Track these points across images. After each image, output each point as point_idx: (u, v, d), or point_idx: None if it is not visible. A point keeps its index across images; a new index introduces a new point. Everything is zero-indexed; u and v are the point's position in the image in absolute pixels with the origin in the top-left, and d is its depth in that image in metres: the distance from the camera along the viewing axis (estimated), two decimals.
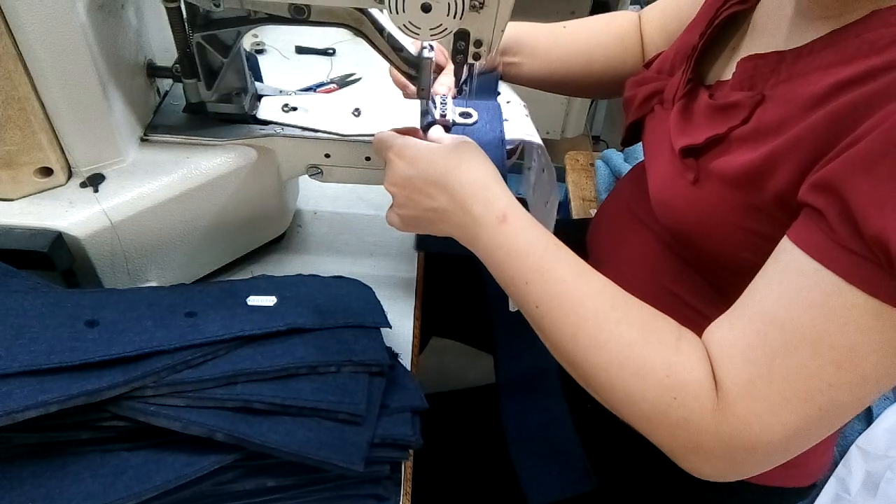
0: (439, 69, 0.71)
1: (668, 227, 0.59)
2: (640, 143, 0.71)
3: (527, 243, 0.52)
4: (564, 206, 1.40)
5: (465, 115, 0.66)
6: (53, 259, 0.52)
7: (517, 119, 0.68)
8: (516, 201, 0.54)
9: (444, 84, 0.68)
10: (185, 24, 0.57)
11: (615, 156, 1.40)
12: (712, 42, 0.61)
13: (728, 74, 0.57)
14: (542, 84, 0.81)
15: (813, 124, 0.45)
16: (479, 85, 0.72)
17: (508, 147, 0.65)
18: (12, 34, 0.48)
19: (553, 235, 0.53)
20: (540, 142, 0.66)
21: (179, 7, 0.56)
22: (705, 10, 0.65)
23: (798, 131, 0.46)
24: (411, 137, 0.58)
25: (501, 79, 0.75)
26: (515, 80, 0.79)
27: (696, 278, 0.61)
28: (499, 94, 0.72)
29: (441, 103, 0.66)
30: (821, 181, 0.42)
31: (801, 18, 0.52)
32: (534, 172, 0.70)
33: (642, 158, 0.69)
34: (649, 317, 0.49)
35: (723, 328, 0.47)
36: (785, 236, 0.45)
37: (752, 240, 0.51)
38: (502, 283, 0.54)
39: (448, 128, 0.65)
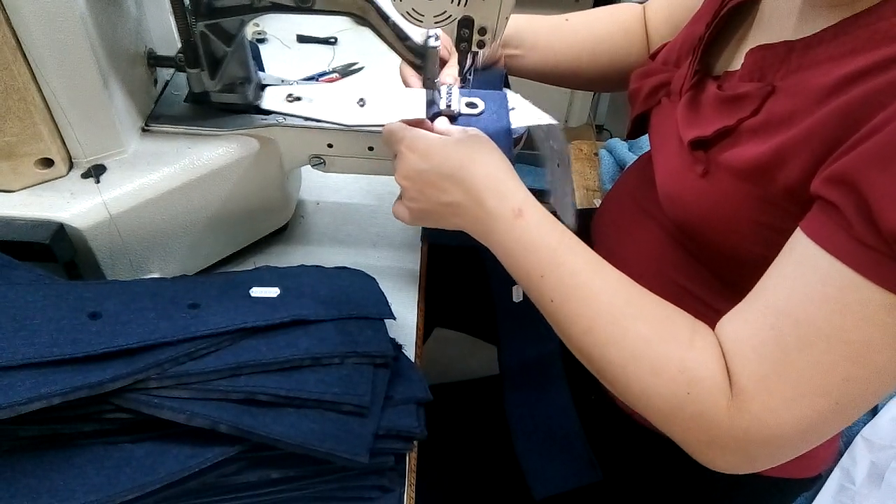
0: (442, 62, 0.70)
1: (675, 219, 0.59)
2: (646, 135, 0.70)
3: (542, 237, 0.52)
4: None
5: (470, 105, 0.65)
6: (55, 251, 0.52)
7: (521, 105, 0.68)
8: (531, 195, 0.54)
9: (451, 74, 0.67)
10: (188, 13, 0.56)
11: (619, 145, 1.40)
12: (719, 32, 0.61)
13: (736, 65, 0.56)
14: (546, 77, 0.80)
15: (825, 116, 0.44)
16: (485, 78, 0.71)
17: (514, 136, 0.64)
18: (11, 24, 0.48)
19: (568, 230, 0.53)
20: (552, 121, 0.65)
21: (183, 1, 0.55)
22: (711, 1, 0.64)
23: (810, 124, 0.45)
24: (422, 130, 0.58)
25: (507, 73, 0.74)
26: (518, 74, 0.78)
27: (701, 269, 0.60)
28: (506, 88, 0.72)
29: (447, 93, 0.65)
30: (836, 175, 0.42)
31: (809, 7, 0.52)
32: (549, 161, 0.69)
33: (647, 148, 0.69)
34: (664, 313, 0.49)
35: (735, 322, 0.47)
36: (798, 229, 0.45)
37: (761, 232, 0.50)
38: (517, 277, 0.54)
39: (453, 118, 0.64)
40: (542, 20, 0.78)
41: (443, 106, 0.64)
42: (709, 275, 0.60)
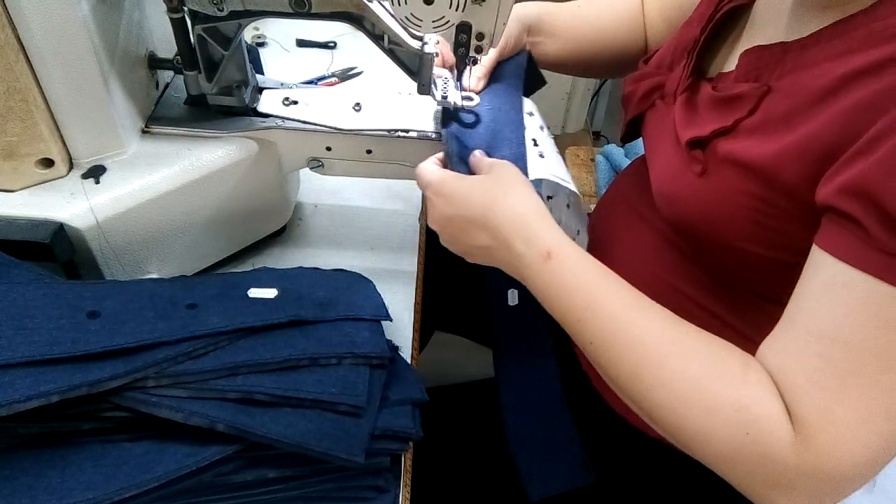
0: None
1: (672, 220, 0.59)
2: (640, 139, 0.71)
3: (574, 281, 0.50)
4: None
5: (467, 98, 0.66)
6: (55, 250, 0.52)
7: (550, 155, 0.67)
8: (562, 234, 0.52)
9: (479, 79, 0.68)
10: (186, 17, 0.57)
11: (616, 151, 1.41)
12: (713, 36, 0.61)
13: (729, 67, 0.57)
14: (559, 65, 0.79)
15: (826, 120, 0.45)
16: (506, 68, 0.71)
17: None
18: (14, 25, 0.48)
19: (604, 268, 0.51)
20: (573, 188, 0.64)
21: (184, 17, 0.56)
22: (704, 5, 0.65)
23: (810, 127, 0.46)
24: (448, 173, 0.57)
25: (529, 61, 0.74)
26: (537, 61, 0.78)
27: (695, 270, 0.61)
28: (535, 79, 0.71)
29: (443, 85, 0.65)
30: (852, 187, 0.41)
31: (802, 9, 0.52)
32: (555, 206, 0.69)
33: (643, 154, 0.69)
34: (712, 348, 0.47)
35: (777, 353, 0.45)
36: (816, 248, 0.44)
37: (759, 231, 0.51)
38: (556, 318, 0.52)
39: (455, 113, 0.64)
40: (559, 8, 0.77)
41: (438, 97, 0.64)
42: (703, 275, 0.60)
